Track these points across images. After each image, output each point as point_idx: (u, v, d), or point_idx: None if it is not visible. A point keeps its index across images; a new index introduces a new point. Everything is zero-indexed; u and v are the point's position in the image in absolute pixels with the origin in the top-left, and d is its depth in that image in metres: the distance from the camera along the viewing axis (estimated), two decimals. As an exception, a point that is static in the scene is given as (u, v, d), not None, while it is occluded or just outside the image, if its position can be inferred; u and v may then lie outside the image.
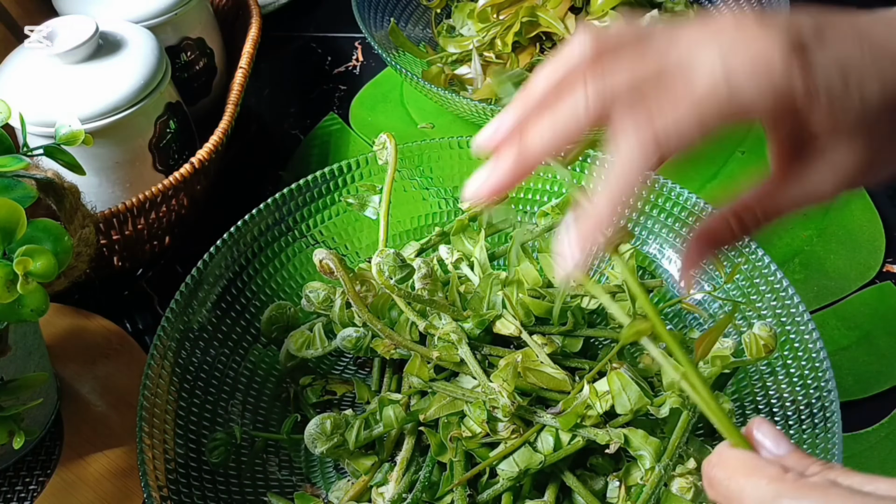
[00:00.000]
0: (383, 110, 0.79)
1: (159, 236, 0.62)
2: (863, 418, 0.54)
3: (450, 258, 0.54)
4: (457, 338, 0.46)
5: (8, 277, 0.37)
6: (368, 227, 0.58)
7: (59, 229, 0.40)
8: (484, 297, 0.49)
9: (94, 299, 0.62)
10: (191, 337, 0.51)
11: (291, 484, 0.50)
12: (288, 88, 0.83)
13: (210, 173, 0.63)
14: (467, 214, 0.55)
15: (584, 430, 0.43)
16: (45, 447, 0.53)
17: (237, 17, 0.78)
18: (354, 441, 0.46)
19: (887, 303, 0.61)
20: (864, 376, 0.56)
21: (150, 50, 0.59)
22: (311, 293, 0.51)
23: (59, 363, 0.56)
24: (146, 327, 0.61)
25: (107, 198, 0.60)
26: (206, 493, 0.47)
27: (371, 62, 0.84)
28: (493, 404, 0.43)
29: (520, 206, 0.60)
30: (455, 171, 0.60)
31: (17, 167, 0.41)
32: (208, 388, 0.51)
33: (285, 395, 0.53)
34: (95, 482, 0.51)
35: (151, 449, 0.45)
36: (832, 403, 0.45)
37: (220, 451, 0.48)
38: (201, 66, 0.71)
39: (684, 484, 0.42)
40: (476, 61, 0.76)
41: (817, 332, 0.47)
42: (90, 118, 0.55)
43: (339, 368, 0.56)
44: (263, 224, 0.55)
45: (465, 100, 0.66)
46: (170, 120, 0.61)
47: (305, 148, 0.76)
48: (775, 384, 0.48)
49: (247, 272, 0.55)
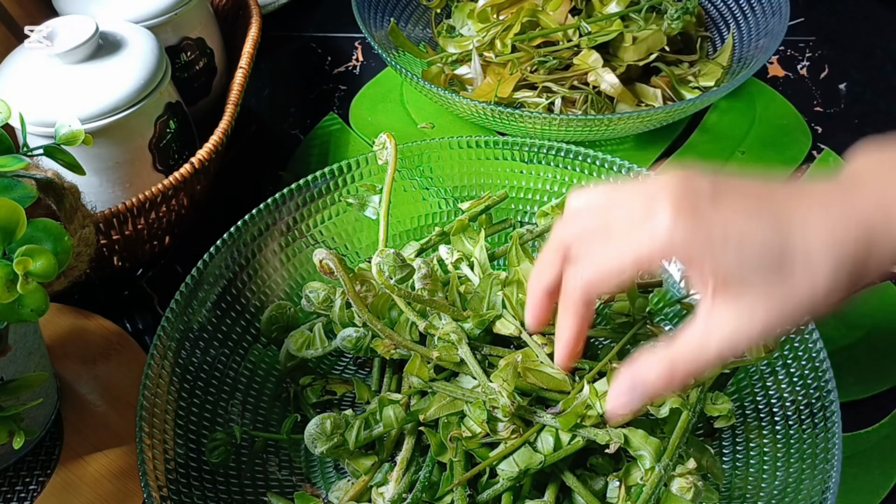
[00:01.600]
0: (383, 110, 0.79)
1: (159, 236, 0.62)
2: (863, 418, 0.54)
3: (450, 258, 0.54)
4: (457, 338, 0.46)
5: (8, 277, 0.37)
6: (368, 227, 0.58)
7: (59, 229, 0.40)
8: (484, 298, 0.49)
9: (94, 299, 0.62)
10: (191, 337, 0.51)
11: (291, 484, 0.50)
12: (288, 88, 0.83)
13: (210, 173, 0.63)
14: (467, 214, 0.55)
15: (584, 430, 0.43)
16: (45, 447, 0.53)
17: (237, 17, 0.78)
18: (354, 441, 0.46)
19: (887, 303, 0.61)
20: (864, 376, 0.56)
21: (150, 50, 0.59)
22: (311, 293, 0.51)
23: (59, 363, 0.56)
24: (146, 327, 0.61)
25: (107, 198, 0.60)
26: (206, 493, 0.47)
27: (371, 62, 0.84)
28: (493, 404, 0.43)
29: (520, 206, 0.60)
30: (455, 171, 0.60)
31: (17, 167, 0.41)
32: (208, 388, 0.51)
33: (285, 395, 0.53)
34: (95, 482, 0.51)
35: (151, 449, 0.45)
36: (832, 403, 0.45)
37: (220, 451, 0.48)
38: (201, 66, 0.71)
39: (684, 484, 0.42)
40: (476, 61, 0.76)
41: (817, 333, 0.47)
42: (90, 118, 0.55)
43: (339, 368, 0.56)
44: (263, 224, 0.55)
45: (465, 100, 0.66)
46: (170, 120, 0.61)
47: (305, 148, 0.76)
48: (775, 384, 0.49)
49: (247, 272, 0.55)
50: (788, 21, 0.72)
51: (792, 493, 0.44)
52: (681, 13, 0.75)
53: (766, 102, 0.78)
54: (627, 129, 0.69)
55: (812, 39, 0.85)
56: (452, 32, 0.83)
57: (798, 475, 0.44)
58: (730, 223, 0.33)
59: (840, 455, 0.43)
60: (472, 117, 0.70)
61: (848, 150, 0.38)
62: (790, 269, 0.33)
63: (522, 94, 0.74)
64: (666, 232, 0.33)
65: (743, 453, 0.48)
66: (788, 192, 0.34)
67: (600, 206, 0.37)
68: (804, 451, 0.45)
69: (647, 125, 0.68)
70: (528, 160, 0.59)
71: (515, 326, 0.48)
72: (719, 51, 0.79)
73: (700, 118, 0.76)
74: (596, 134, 0.68)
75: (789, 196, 0.34)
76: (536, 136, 0.67)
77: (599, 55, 0.72)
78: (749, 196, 0.34)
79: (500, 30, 0.77)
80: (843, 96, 0.79)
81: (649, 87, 0.74)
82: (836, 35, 0.86)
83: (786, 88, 0.79)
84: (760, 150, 0.73)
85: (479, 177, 0.60)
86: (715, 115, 0.77)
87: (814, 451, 0.45)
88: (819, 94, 0.79)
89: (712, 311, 0.34)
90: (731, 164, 0.72)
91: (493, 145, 0.59)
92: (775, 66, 0.82)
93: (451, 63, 0.79)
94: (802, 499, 0.43)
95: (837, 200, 0.34)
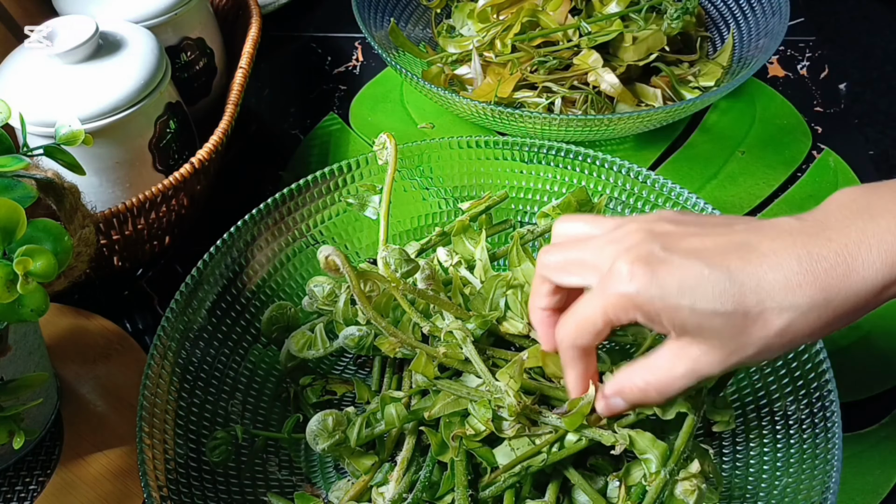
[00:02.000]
0: (383, 110, 0.79)
1: (159, 236, 0.62)
2: (863, 418, 0.54)
3: (449, 260, 0.54)
4: (461, 336, 0.46)
5: (8, 277, 0.37)
6: (368, 227, 0.58)
7: (59, 229, 0.40)
8: (487, 298, 0.49)
9: (94, 299, 0.62)
10: (191, 337, 0.51)
11: (291, 484, 0.50)
12: (288, 88, 0.83)
13: (210, 173, 0.63)
14: (467, 214, 0.55)
15: (590, 430, 0.43)
16: (45, 447, 0.53)
17: (237, 17, 0.78)
18: (356, 438, 0.46)
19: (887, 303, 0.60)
20: (864, 376, 0.56)
21: (150, 50, 0.59)
22: (315, 287, 0.51)
23: (59, 363, 0.56)
24: (146, 327, 0.61)
25: (107, 198, 0.60)
26: (206, 493, 0.47)
27: (371, 62, 0.84)
28: (499, 403, 0.43)
29: (520, 206, 0.60)
30: (455, 171, 0.60)
31: (17, 167, 0.41)
32: (208, 388, 0.51)
33: (285, 395, 0.53)
34: (95, 482, 0.51)
35: (151, 449, 0.45)
36: (832, 403, 0.45)
37: (220, 451, 0.48)
38: (201, 66, 0.71)
39: (688, 486, 0.42)
40: (476, 61, 0.76)
41: (817, 332, 0.47)
42: (90, 118, 0.55)
43: (339, 368, 0.56)
44: (263, 224, 0.55)
45: (465, 100, 0.66)
46: (170, 120, 0.61)
47: (305, 148, 0.76)
48: (775, 384, 0.48)
49: (247, 272, 0.55)
50: (788, 21, 0.72)
51: (792, 494, 0.44)
52: (681, 13, 0.75)
53: (766, 102, 0.78)
54: (627, 129, 0.69)
55: (812, 39, 0.85)
56: (452, 32, 0.83)
57: (798, 475, 0.44)
58: (685, 276, 0.34)
59: (840, 455, 0.43)
60: (472, 117, 0.70)
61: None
62: (744, 319, 0.34)
63: (522, 94, 0.74)
64: (624, 292, 0.35)
65: (743, 454, 0.48)
66: (748, 234, 0.35)
67: (578, 243, 0.39)
68: (804, 452, 0.45)
69: (647, 125, 0.68)
70: (528, 160, 0.59)
71: (523, 324, 0.47)
72: (719, 51, 0.79)
73: (700, 118, 0.76)
74: (596, 134, 0.68)
75: (747, 239, 0.35)
76: (536, 136, 0.67)
77: (599, 55, 0.72)
78: (707, 242, 0.35)
79: (500, 30, 0.77)
80: (843, 96, 0.79)
81: (649, 87, 0.74)
82: (836, 35, 0.86)
83: (786, 88, 0.79)
84: (760, 150, 0.73)
85: (479, 177, 0.60)
86: (715, 115, 0.77)
87: (814, 451, 0.45)
88: (819, 94, 0.79)
89: (678, 348, 0.36)
90: (730, 164, 0.72)
91: (493, 145, 0.59)
92: (775, 66, 0.82)
93: (451, 63, 0.79)
94: (802, 499, 0.43)
95: (797, 244, 0.34)
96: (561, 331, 0.39)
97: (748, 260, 0.34)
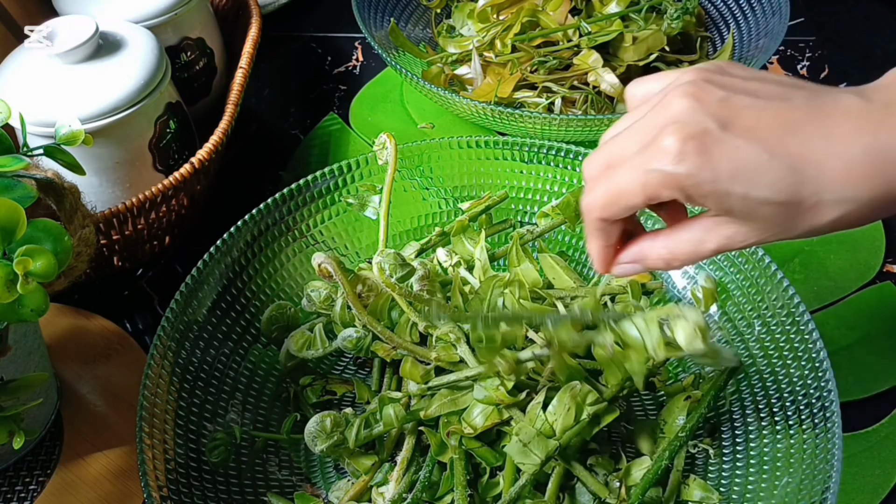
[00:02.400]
0: (383, 110, 0.79)
1: (159, 236, 0.62)
2: (863, 418, 0.54)
3: (448, 261, 0.54)
4: (455, 337, 0.46)
5: (8, 277, 0.37)
6: (368, 227, 0.58)
7: (59, 229, 0.40)
8: (485, 299, 0.49)
9: (94, 299, 0.62)
10: (191, 337, 0.51)
11: (291, 484, 0.50)
12: (288, 88, 0.83)
13: (210, 173, 0.63)
14: (467, 214, 0.55)
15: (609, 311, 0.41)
16: (45, 447, 0.53)
17: (237, 17, 0.78)
18: (354, 439, 0.46)
19: (887, 303, 0.61)
20: (864, 376, 0.56)
21: (150, 50, 0.59)
22: (312, 292, 0.51)
23: (59, 363, 0.56)
24: (146, 327, 0.61)
25: (107, 198, 0.60)
26: (206, 493, 0.47)
27: (371, 62, 0.84)
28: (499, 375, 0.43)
29: (520, 206, 0.60)
30: (455, 171, 0.60)
31: (17, 167, 0.41)
32: (208, 388, 0.51)
33: (285, 395, 0.53)
34: (95, 482, 0.51)
35: (151, 449, 0.45)
36: (832, 403, 0.45)
37: (220, 451, 0.48)
38: (201, 66, 0.71)
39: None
40: (476, 61, 0.76)
41: (817, 332, 0.47)
42: (90, 118, 0.55)
43: (339, 368, 0.56)
44: (263, 224, 0.55)
45: (465, 100, 0.66)
46: (170, 120, 0.61)
47: (305, 148, 0.76)
48: (775, 384, 0.49)
49: (247, 272, 0.55)
50: (788, 21, 0.72)
51: (792, 493, 0.44)
52: (681, 13, 0.75)
53: (766, 102, 0.77)
54: (627, 129, 0.69)
55: (812, 39, 0.85)
56: (452, 32, 0.83)
57: (798, 475, 0.44)
58: (742, 161, 0.31)
59: (840, 455, 0.43)
60: (472, 117, 0.70)
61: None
62: (797, 208, 0.32)
63: (522, 94, 0.74)
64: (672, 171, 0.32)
65: (743, 453, 0.48)
66: (809, 113, 0.32)
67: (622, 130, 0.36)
68: (804, 451, 0.45)
69: (647, 125, 0.68)
70: (528, 160, 0.59)
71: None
72: (719, 51, 0.79)
73: (700, 118, 0.76)
74: (596, 134, 0.68)
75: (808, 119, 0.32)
76: (536, 136, 0.67)
77: (599, 55, 0.72)
78: (764, 120, 0.32)
79: (500, 30, 0.77)
80: (843, 96, 0.78)
81: (649, 87, 0.74)
82: (836, 35, 0.86)
83: (786, 88, 0.79)
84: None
85: (479, 177, 0.60)
86: (715, 115, 0.76)
87: (814, 451, 0.45)
88: (819, 94, 0.78)
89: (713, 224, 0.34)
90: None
91: (493, 145, 0.59)
92: (775, 66, 0.82)
93: (451, 63, 0.79)
94: (802, 499, 0.43)
95: (863, 130, 0.31)
96: (589, 200, 0.36)
97: (810, 145, 0.31)
